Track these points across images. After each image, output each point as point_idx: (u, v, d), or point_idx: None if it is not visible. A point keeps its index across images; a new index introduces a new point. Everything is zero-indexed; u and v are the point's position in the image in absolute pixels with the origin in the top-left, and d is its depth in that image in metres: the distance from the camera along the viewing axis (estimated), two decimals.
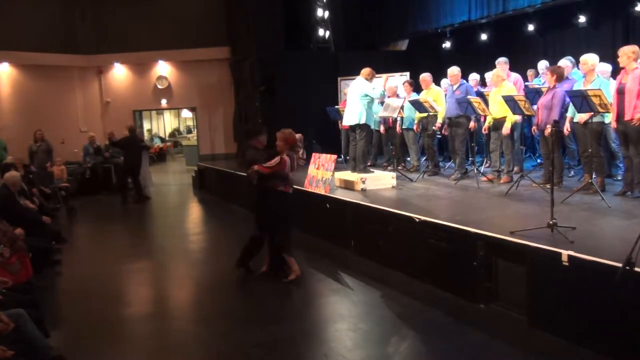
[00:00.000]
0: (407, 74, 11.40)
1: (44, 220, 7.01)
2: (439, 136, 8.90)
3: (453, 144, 8.04)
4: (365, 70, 7.61)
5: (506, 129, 7.05)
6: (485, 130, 7.68)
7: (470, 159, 8.10)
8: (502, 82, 7.32)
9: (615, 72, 6.99)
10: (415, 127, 8.83)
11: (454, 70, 8.00)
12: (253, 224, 5.91)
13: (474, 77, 9.00)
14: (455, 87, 7.99)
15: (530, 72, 8.90)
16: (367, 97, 7.50)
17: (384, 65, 11.14)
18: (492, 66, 7.96)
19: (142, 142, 12.41)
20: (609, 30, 9.35)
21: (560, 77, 6.55)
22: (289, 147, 5.58)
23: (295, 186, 7.98)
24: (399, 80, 10.68)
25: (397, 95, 9.26)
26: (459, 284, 4.82)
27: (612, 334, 3.57)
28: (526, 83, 8.28)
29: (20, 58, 14.17)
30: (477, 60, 10.67)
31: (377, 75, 7.88)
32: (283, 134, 5.66)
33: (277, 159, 5.44)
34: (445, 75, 8.52)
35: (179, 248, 7.57)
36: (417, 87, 9.14)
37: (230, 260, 6.74)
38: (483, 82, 9.08)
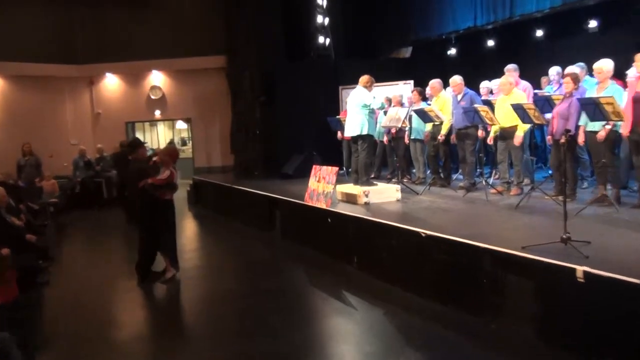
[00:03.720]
0: (411, 82, 11.41)
1: (28, 239, 6.98)
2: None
3: (463, 155, 8.02)
4: (364, 78, 7.62)
5: (518, 137, 7.03)
6: (490, 140, 7.66)
7: (478, 170, 8.08)
8: (511, 89, 7.31)
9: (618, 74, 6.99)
10: (425, 138, 8.81)
11: (456, 80, 7.98)
12: (140, 231, 6.65)
13: (485, 85, 8.99)
14: (459, 97, 7.98)
15: (544, 79, 8.89)
16: (367, 107, 7.50)
17: (387, 73, 11.17)
18: (499, 73, 7.96)
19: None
20: (620, 35, 9.39)
21: (577, 83, 6.53)
22: (174, 161, 6.54)
23: (294, 200, 8.07)
24: (403, 89, 10.70)
25: (402, 105, 9.26)
26: (466, 301, 4.80)
27: (627, 353, 3.53)
28: (535, 91, 8.29)
29: (8, 68, 14.26)
30: (483, 67, 10.70)
31: (377, 84, 7.90)
32: (168, 149, 6.93)
33: (167, 172, 6.37)
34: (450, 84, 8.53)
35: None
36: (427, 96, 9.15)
37: (227, 277, 6.74)
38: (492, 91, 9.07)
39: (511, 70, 7.93)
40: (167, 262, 6.70)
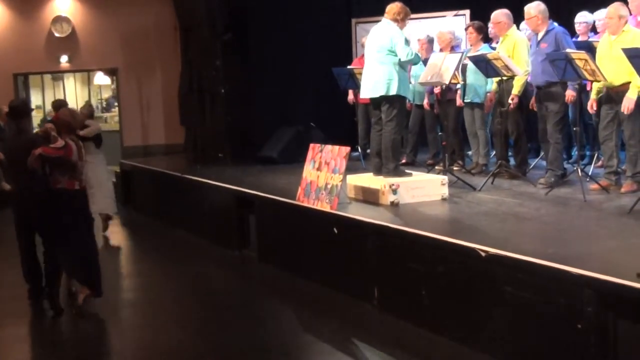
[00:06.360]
0: (466, 13, 11.37)
1: None
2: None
3: (544, 127, 7.99)
4: (393, 8, 7.59)
5: (629, 101, 7.03)
6: (591, 106, 7.64)
7: (575, 152, 8.07)
8: (621, 26, 7.28)
9: None
10: (487, 102, 8.78)
11: (532, 10, 7.94)
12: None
13: (582, 18, 8.94)
14: (539, 35, 7.93)
15: None
16: (394, 53, 7.49)
17: None
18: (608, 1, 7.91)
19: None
20: None
21: None
22: (69, 130, 6.82)
23: (279, 198, 8.04)
24: (453, 23, 10.65)
25: (453, 49, 9.22)
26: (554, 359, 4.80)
27: None
28: None
29: None
30: None
31: (413, 16, 7.86)
32: (64, 114, 7.02)
33: (60, 142, 6.52)
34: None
35: (96, 302, 7.52)
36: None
37: (173, 325, 6.72)
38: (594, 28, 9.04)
39: None
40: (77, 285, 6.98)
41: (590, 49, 7.80)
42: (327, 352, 5.79)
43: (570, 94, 7.76)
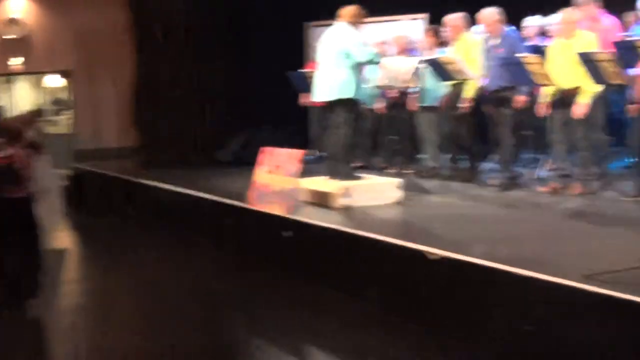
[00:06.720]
0: (425, 16, 11.39)
1: None
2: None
3: (497, 130, 8.06)
4: (349, 11, 7.59)
5: (580, 106, 7.12)
6: (542, 110, 7.72)
7: (528, 155, 8.16)
8: (573, 30, 7.38)
9: None
10: (442, 105, 8.84)
11: (489, 15, 8.01)
12: None
13: (532, 22, 9.03)
14: (495, 40, 8.00)
15: (630, 16, 8.87)
16: (353, 57, 7.49)
17: (387, 2, 11.16)
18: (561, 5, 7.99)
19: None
20: None
21: None
22: (16, 137, 6.76)
23: (234, 202, 7.97)
24: (410, 27, 10.69)
25: (410, 52, 9.25)
26: None
27: None
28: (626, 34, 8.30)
29: None
30: None
31: (369, 19, 7.88)
32: (13, 121, 7.41)
33: (7, 151, 6.59)
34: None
35: (41, 305, 7.40)
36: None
37: (130, 326, 6.63)
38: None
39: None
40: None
41: (542, 53, 7.89)
42: (326, 352, 5.77)
43: (520, 99, 7.83)
